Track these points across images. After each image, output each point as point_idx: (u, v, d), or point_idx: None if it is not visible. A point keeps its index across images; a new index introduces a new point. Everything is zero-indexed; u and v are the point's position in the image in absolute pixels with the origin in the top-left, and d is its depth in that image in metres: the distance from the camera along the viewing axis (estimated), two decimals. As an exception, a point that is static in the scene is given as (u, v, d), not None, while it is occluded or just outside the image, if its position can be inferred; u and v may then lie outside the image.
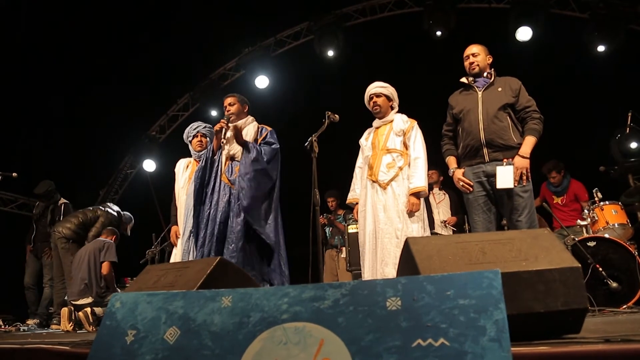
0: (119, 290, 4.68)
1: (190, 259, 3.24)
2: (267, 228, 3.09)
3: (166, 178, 3.91)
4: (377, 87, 3.41)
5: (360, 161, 3.53)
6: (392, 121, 3.38)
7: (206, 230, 3.08)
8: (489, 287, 0.89)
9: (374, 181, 3.26)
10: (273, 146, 3.25)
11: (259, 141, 3.32)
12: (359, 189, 3.45)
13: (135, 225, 5.55)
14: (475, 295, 0.88)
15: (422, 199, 3.19)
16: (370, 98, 3.42)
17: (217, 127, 3.22)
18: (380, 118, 3.43)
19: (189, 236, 3.36)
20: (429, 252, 1.35)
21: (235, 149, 3.24)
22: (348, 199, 3.56)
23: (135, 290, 1.71)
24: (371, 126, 3.53)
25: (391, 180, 3.20)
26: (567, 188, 5.03)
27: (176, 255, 3.57)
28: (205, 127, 3.85)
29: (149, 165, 7.85)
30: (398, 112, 3.45)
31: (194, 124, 3.88)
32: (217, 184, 3.20)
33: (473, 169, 2.92)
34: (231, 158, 3.27)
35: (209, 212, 3.12)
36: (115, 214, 5.08)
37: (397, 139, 3.29)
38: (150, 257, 4.57)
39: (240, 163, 3.16)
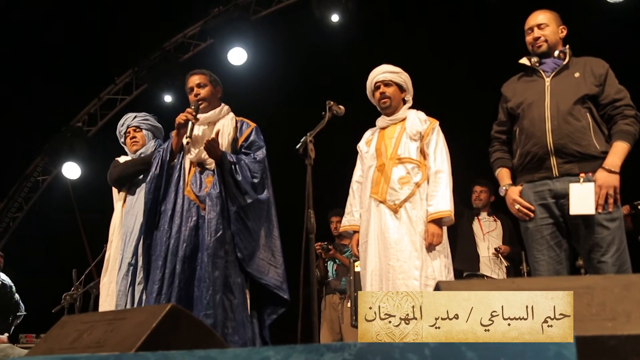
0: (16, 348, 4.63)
1: (129, 307, 3.22)
2: (273, 271, 3.12)
3: (97, 189, 3.91)
4: (385, 73, 3.47)
5: (358, 174, 3.59)
6: (404, 119, 3.44)
7: (164, 270, 3.02)
8: (559, 356, 0.89)
9: (380, 201, 3.30)
10: (259, 155, 3.24)
11: (239, 142, 3.32)
12: (357, 212, 3.50)
13: (49, 257, 5.53)
14: (537, 368, 0.88)
15: (445, 229, 3.26)
16: (377, 87, 3.48)
17: (179, 118, 3.18)
18: (388, 115, 3.48)
19: (127, 270, 3.34)
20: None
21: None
22: (342, 225, 3.62)
23: (44, 352, 1.70)
24: (374, 125, 3.58)
25: (405, 200, 3.26)
26: None
27: (107, 298, 3.54)
28: (135, 117, 3.87)
29: (71, 170, 7.83)
30: (412, 107, 3.52)
31: (123, 118, 3.91)
32: (180, 202, 3.14)
33: (535, 187, 2.93)
34: (199, 164, 3.24)
35: (169, 243, 3.07)
36: None
37: (412, 144, 3.36)
38: (68, 303, 4.53)
39: (218, 183, 3.12)
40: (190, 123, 3.13)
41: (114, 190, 3.83)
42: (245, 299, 3.06)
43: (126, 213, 3.54)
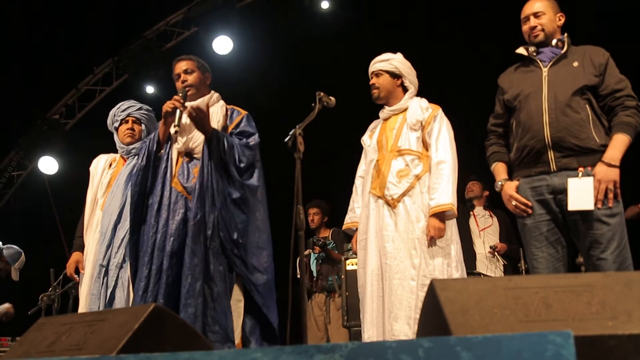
0: None
1: (101, 309, 3.20)
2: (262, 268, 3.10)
3: (75, 184, 3.89)
4: (376, 64, 3.48)
5: (362, 169, 3.58)
6: (406, 109, 3.43)
7: (151, 267, 2.99)
8: (557, 356, 0.89)
9: (378, 196, 3.29)
10: (251, 141, 3.23)
11: (229, 129, 3.30)
12: (359, 208, 3.49)
13: (25, 256, 5.48)
14: (535, 369, 0.89)
15: (448, 223, 3.23)
16: (370, 79, 3.49)
17: (167, 106, 3.15)
18: (389, 105, 3.48)
19: (99, 272, 3.32)
20: (465, 302, 1.35)
21: (194, 140, 3.20)
22: (345, 223, 3.61)
23: (20, 356, 1.69)
24: (378, 117, 3.57)
25: (403, 194, 3.24)
26: None
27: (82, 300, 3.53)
28: (140, 108, 3.83)
29: (48, 165, 7.79)
30: (417, 95, 3.50)
31: (124, 104, 3.85)
32: (167, 195, 3.12)
33: (532, 182, 2.94)
34: (187, 154, 3.22)
35: (155, 238, 3.04)
36: None
37: (413, 134, 3.34)
38: (45, 304, 4.51)
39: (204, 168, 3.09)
40: (178, 111, 3.10)
41: (91, 177, 3.79)
42: (226, 288, 3.03)
43: (104, 212, 3.51)
